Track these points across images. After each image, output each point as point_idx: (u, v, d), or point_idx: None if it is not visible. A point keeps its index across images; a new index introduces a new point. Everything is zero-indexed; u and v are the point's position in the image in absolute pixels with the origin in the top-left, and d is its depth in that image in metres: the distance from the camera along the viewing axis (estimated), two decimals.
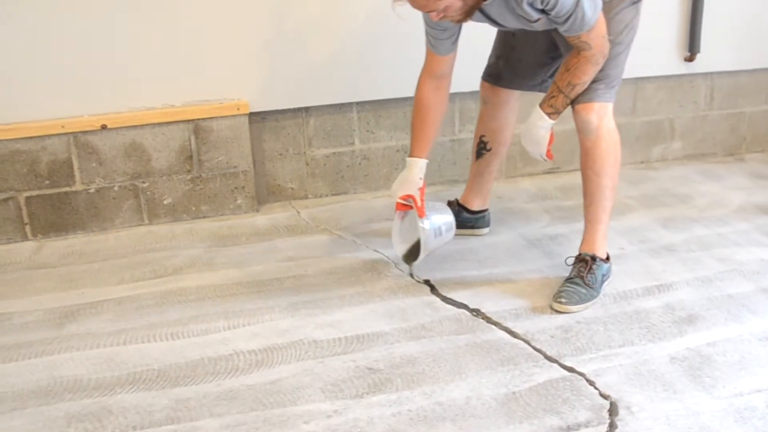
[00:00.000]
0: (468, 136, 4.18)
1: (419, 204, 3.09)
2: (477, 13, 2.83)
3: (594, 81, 2.95)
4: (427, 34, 3.08)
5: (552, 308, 2.98)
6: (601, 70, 2.92)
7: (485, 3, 2.76)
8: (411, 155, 3.17)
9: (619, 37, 2.96)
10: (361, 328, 2.87)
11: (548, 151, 3.10)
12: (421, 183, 3.14)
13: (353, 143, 4.06)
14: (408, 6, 2.72)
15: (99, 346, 2.80)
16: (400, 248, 3.28)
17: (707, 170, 4.45)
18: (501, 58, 3.38)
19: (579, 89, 2.94)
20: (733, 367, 2.62)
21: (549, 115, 2.99)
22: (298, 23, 3.79)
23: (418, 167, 3.14)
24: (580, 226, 3.16)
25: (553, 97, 2.97)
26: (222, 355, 2.73)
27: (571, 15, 2.73)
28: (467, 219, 3.58)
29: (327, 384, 2.55)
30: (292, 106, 3.92)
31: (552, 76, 3.18)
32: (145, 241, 3.66)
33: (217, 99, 3.79)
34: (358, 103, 4.02)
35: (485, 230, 3.62)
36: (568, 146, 4.28)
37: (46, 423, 2.39)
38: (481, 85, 3.46)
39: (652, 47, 4.31)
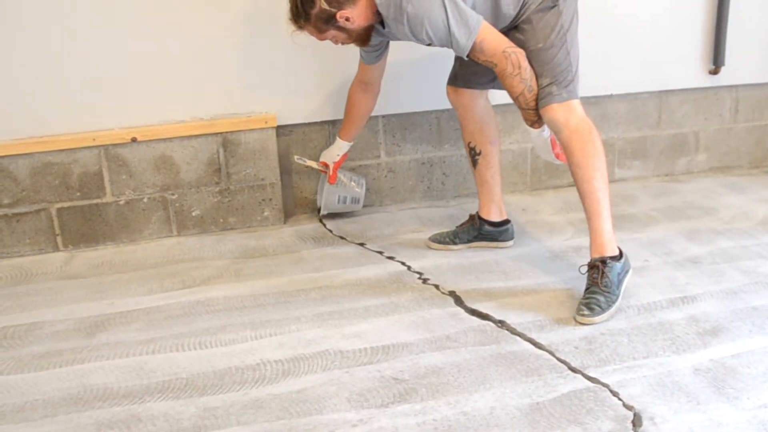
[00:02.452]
0: None
1: (331, 173, 3.84)
2: (380, 37, 3.28)
3: (546, 85, 3.08)
4: (359, 49, 3.45)
5: (576, 321, 3.00)
6: (546, 75, 3.09)
7: (384, 30, 3.17)
8: (338, 135, 3.82)
9: (548, 42, 3.08)
10: (387, 338, 2.89)
11: (557, 154, 3.25)
12: (338, 158, 3.84)
13: (379, 156, 4.10)
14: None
15: (128, 355, 2.84)
16: (319, 200, 4.03)
17: (732, 183, 4.45)
18: (457, 61, 3.55)
19: (525, 99, 3.13)
20: (758, 379, 2.62)
21: (531, 126, 3.22)
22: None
23: (338, 146, 3.83)
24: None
25: (522, 111, 3.19)
26: (249, 365, 2.76)
27: (450, 43, 3.02)
28: (490, 232, 3.61)
29: (353, 393, 2.57)
30: (318, 120, 3.97)
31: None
32: (173, 252, 3.70)
33: (245, 112, 3.84)
34: (383, 116, 4.05)
35: (510, 243, 3.64)
36: None
37: (75, 430, 2.42)
38: (446, 91, 3.59)
39: (676, 60, 4.33)
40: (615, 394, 2.54)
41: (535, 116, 3.16)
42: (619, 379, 2.62)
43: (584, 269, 3.13)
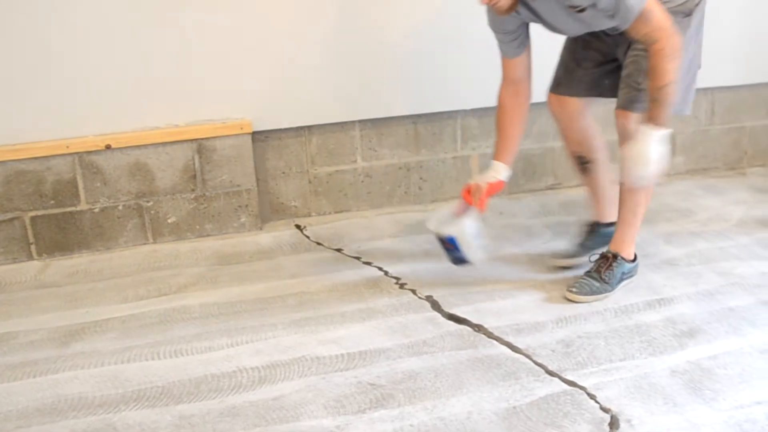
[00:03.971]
0: (470, 152, 4.20)
1: (480, 197, 3.18)
2: (527, 12, 2.94)
3: (641, 91, 2.96)
4: (496, 39, 3.15)
5: (564, 297, 3.08)
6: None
7: (524, 12, 2.92)
8: (493, 158, 3.25)
9: None
10: (364, 344, 2.89)
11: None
12: (488, 180, 3.19)
13: (356, 161, 4.09)
14: None
15: (103, 364, 2.82)
16: (437, 223, 3.24)
17: (709, 185, 4.46)
18: (562, 65, 3.37)
19: (669, 90, 2.82)
20: (734, 380, 2.63)
21: (653, 127, 2.88)
22: (300, 43, 3.82)
23: (494, 169, 3.22)
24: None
25: (650, 108, 2.88)
26: (225, 372, 2.74)
27: (618, 6, 2.72)
28: (609, 232, 3.37)
29: (330, 400, 2.57)
30: (294, 125, 3.95)
31: (609, 81, 3.23)
32: (149, 260, 3.68)
33: (221, 118, 3.82)
34: (360, 122, 4.04)
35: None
36: (569, 164, 4.30)
37: None
38: (548, 99, 3.41)
39: None
40: (592, 396, 2.55)
41: (664, 113, 2.88)
42: (596, 382, 2.62)
43: (594, 257, 3.19)
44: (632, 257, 3.19)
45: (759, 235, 3.74)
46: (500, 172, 3.21)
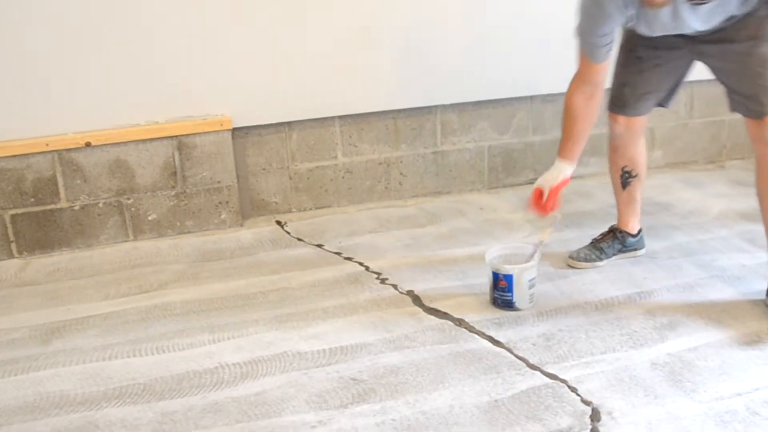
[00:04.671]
0: (450, 148, 4.21)
1: (545, 200, 3.16)
2: (636, 8, 2.81)
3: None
4: (585, 42, 2.96)
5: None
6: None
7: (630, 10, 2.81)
8: (558, 155, 3.18)
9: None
10: (345, 339, 2.89)
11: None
12: (555, 183, 3.13)
13: (336, 157, 4.09)
14: None
15: (85, 361, 2.82)
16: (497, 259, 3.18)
17: (688, 178, 4.48)
18: (627, 86, 3.25)
19: None
20: (714, 371, 2.64)
21: None
22: (279, 39, 3.82)
23: (558, 168, 3.15)
24: (562, 235, 3.20)
25: None
26: (207, 368, 2.74)
27: None
28: (633, 243, 3.49)
29: (311, 395, 2.57)
30: (274, 121, 3.95)
31: (671, 86, 3.23)
32: (130, 257, 3.67)
33: (201, 115, 3.81)
34: (340, 117, 4.04)
35: (643, 250, 3.55)
36: (551, 156, 4.32)
37: None
38: (610, 118, 3.34)
39: None
40: (573, 389, 2.56)
41: None
42: (578, 375, 2.63)
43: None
44: None
45: (739, 227, 3.76)
46: (565, 170, 3.15)
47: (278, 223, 4.00)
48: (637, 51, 3.15)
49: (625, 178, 3.42)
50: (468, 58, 4.04)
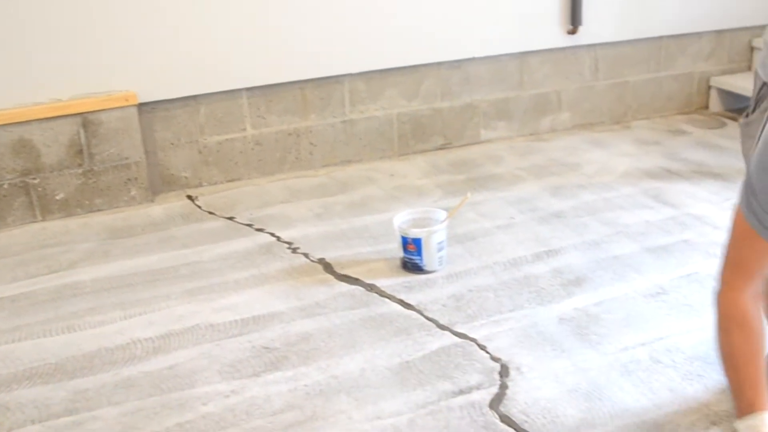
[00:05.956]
0: (359, 116, 4.22)
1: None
2: None
3: None
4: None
5: None
6: None
7: None
8: (753, 410, 2.02)
9: None
10: (257, 309, 2.90)
11: None
12: None
13: (245, 129, 4.07)
14: None
15: None
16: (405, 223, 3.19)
17: (595, 139, 4.55)
18: None
19: None
20: (619, 324, 2.72)
21: None
22: (181, 11, 3.78)
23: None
24: (472, 198, 3.24)
25: None
26: (119, 345, 2.73)
27: None
28: None
29: (224, 365, 2.58)
30: (181, 95, 3.91)
31: None
32: (38, 238, 3.62)
33: (105, 91, 3.76)
34: (248, 89, 4.02)
35: None
36: (459, 122, 4.37)
37: None
38: None
39: (535, 22, 4.41)
40: (483, 347, 2.60)
41: None
42: (487, 333, 2.68)
43: None
44: None
45: (643, 185, 3.84)
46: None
47: (189, 197, 3.97)
48: None
49: None
50: (374, 26, 4.05)
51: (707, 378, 2.43)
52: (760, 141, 1.89)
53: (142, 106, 3.84)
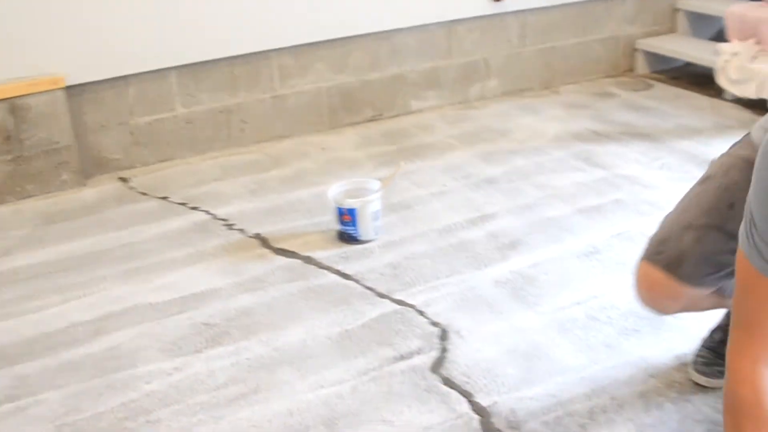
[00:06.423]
0: (289, 91, 4.21)
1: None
2: None
3: None
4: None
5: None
6: None
7: None
8: None
9: None
10: (196, 286, 2.90)
11: None
12: None
13: (174, 108, 4.04)
14: None
15: None
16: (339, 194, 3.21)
17: (525, 105, 4.60)
18: None
19: None
20: (554, 284, 2.77)
21: None
22: None
23: None
24: (405, 167, 3.26)
25: None
26: (59, 329, 2.72)
27: None
28: None
29: (165, 344, 2.58)
30: (108, 77, 3.88)
31: None
32: None
33: (32, 75, 3.72)
34: (176, 68, 4.00)
35: None
36: (389, 93, 4.38)
37: None
38: None
39: None
40: (421, 313, 2.64)
41: None
42: (425, 299, 2.72)
43: None
44: None
45: (574, 148, 3.90)
46: None
47: (122, 179, 3.94)
48: None
49: None
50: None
51: (643, 332, 2.49)
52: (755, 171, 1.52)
53: (70, 89, 3.80)
